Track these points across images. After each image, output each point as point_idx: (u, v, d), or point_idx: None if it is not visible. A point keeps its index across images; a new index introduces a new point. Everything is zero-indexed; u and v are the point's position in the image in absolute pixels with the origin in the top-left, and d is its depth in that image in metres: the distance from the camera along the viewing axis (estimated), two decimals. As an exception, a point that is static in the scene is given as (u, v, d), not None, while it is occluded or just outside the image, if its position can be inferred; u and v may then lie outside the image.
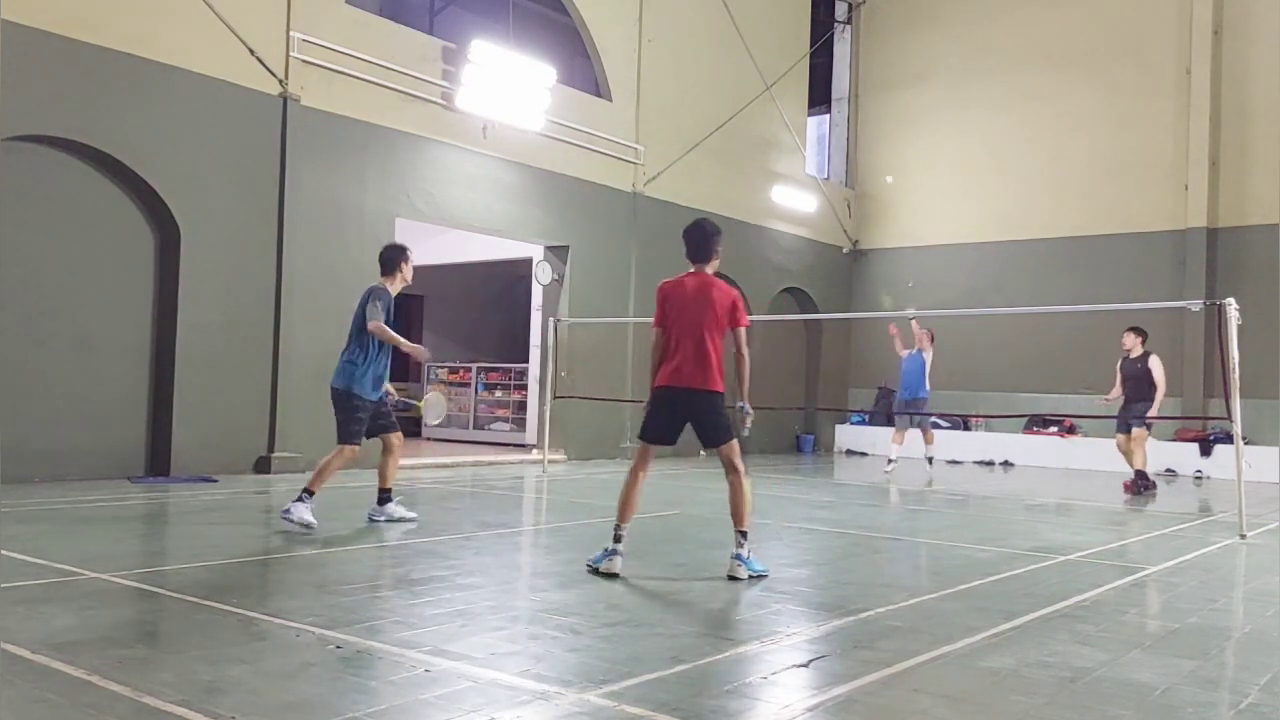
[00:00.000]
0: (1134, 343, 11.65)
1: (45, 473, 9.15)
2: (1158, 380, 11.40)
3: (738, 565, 5.55)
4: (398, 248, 7.58)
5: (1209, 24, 16.23)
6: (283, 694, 3.31)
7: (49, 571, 5.21)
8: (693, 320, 5.60)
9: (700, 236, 5.80)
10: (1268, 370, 14.42)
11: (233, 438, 10.53)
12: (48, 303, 9.36)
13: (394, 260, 7.47)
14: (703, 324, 5.59)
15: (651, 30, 15.55)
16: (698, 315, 5.61)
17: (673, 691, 3.46)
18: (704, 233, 5.81)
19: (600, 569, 5.52)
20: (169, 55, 9.97)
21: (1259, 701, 3.56)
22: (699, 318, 5.60)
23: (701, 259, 5.77)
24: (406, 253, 7.54)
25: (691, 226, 5.88)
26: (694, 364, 5.58)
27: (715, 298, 5.64)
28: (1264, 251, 15.65)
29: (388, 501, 7.61)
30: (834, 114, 20.76)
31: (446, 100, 12.55)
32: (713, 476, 12.65)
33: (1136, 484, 11.60)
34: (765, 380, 17.86)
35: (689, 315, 5.61)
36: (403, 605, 4.72)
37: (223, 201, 10.46)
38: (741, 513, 5.59)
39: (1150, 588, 5.84)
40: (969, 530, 8.51)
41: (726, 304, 5.64)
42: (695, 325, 5.59)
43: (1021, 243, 17.87)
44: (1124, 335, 11.75)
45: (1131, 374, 11.60)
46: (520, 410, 17.09)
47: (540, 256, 14.69)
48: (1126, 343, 11.70)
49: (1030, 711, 3.36)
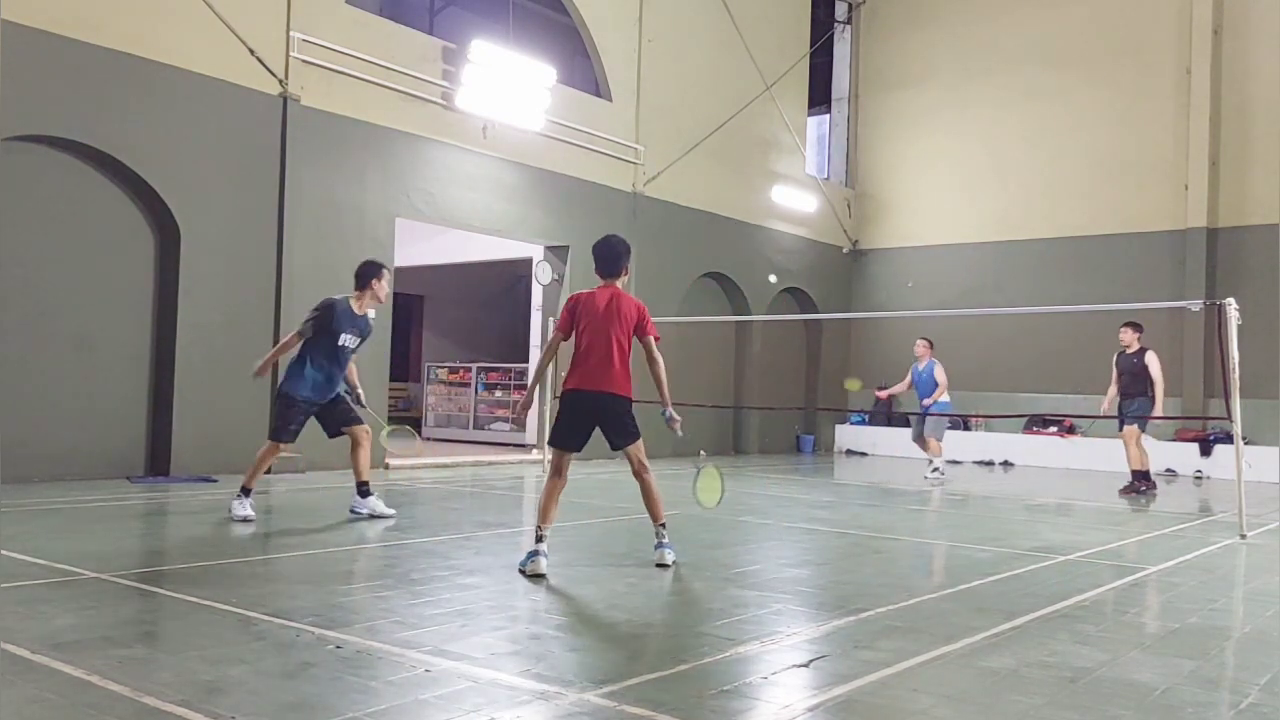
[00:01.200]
0: (1131, 338, 11.55)
1: (45, 473, 9.16)
2: (1155, 376, 11.25)
3: (665, 553, 5.89)
4: (373, 265, 7.60)
5: (1209, 24, 16.23)
6: (283, 694, 3.31)
7: (49, 571, 5.21)
8: (602, 329, 5.82)
9: (609, 253, 6.02)
10: (1268, 370, 14.43)
11: (233, 438, 10.51)
12: (48, 303, 9.36)
13: (365, 276, 7.51)
14: (611, 332, 5.82)
15: (651, 30, 15.55)
16: (607, 324, 5.83)
17: (673, 691, 3.46)
18: (613, 250, 6.02)
19: (526, 570, 5.57)
20: (169, 55, 9.97)
21: (1259, 701, 3.56)
22: (608, 326, 5.83)
23: (611, 274, 6.01)
24: (381, 270, 7.57)
25: (601, 243, 6.07)
26: (602, 369, 5.81)
27: (624, 309, 5.88)
28: (1264, 251, 15.65)
29: (368, 495, 7.65)
30: (834, 114, 20.76)
31: (446, 100, 12.55)
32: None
33: (1133, 486, 11.49)
34: (765, 380, 17.93)
35: (598, 324, 5.83)
36: (403, 605, 4.72)
37: (223, 201, 10.46)
38: (657, 509, 5.96)
39: (1150, 588, 5.83)
40: (969, 530, 8.50)
41: (634, 315, 5.90)
42: (604, 333, 5.82)
43: (1021, 243, 17.87)
44: (1121, 330, 11.65)
45: (1127, 369, 11.49)
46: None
47: (540, 256, 14.69)
48: (1124, 338, 11.59)
49: (1030, 711, 3.36)
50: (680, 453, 16.36)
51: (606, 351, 5.80)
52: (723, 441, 17.52)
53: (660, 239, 15.66)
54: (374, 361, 11.94)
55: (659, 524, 5.96)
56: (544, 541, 5.67)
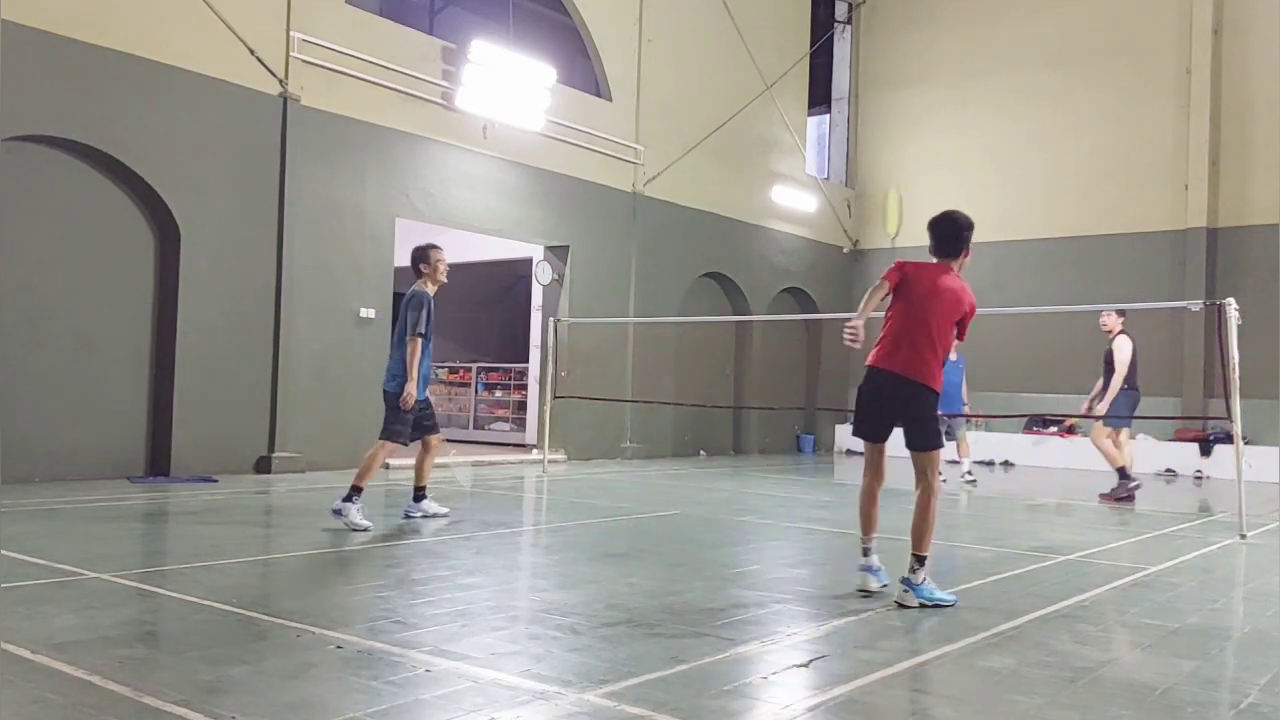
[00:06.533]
0: (1114, 323, 10.52)
1: (45, 473, 9.15)
2: (1117, 362, 10.27)
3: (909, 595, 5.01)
4: (420, 248, 7.61)
5: (1209, 24, 16.23)
6: (284, 694, 3.31)
7: (49, 571, 5.21)
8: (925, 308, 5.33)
9: (951, 229, 5.62)
10: (1268, 370, 14.42)
11: (233, 438, 10.53)
12: (48, 303, 9.36)
13: (415, 261, 7.55)
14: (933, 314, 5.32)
15: (651, 30, 15.55)
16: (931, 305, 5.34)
17: (673, 691, 3.46)
18: (956, 225, 5.63)
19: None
20: (169, 55, 9.97)
21: (1259, 701, 3.56)
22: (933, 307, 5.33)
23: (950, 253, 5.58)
24: (428, 252, 7.55)
25: (940, 217, 5.65)
26: (913, 353, 5.27)
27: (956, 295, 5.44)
28: (1264, 251, 15.65)
29: (423, 499, 7.67)
30: (834, 114, 20.76)
31: (446, 100, 12.55)
32: (713, 476, 12.67)
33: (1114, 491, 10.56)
34: (765, 380, 17.92)
35: (922, 302, 5.37)
36: (403, 605, 4.72)
37: (223, 201, 10.46)
38: (924, 537, 5.18)
39: (1150, 588, 5.83)
40: (969, 530, 8.51)
41: (963, 306, 5.44)
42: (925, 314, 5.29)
43: (1021, 243, 17.86)
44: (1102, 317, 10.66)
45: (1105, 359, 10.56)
46: (520, 410, 17.10)
47: (540, 256, 14.69)
48: (1107, 323, 10.57)
49: (1030, 711, 3.36)
50: (680, 453, 16.38)
51: (923, 335, 5.18)
52: (723, 441, 17.52)
53: (660, 239, 15.66)
54: (374, 362, 11.94)
55: (917, 554, 5.07)
56: (871, 555, 5.21)
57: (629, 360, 15.07)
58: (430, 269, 7.50)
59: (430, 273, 7.51)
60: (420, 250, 7.58)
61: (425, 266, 7.51)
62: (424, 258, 7.52)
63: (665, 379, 15.46)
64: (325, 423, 11.30)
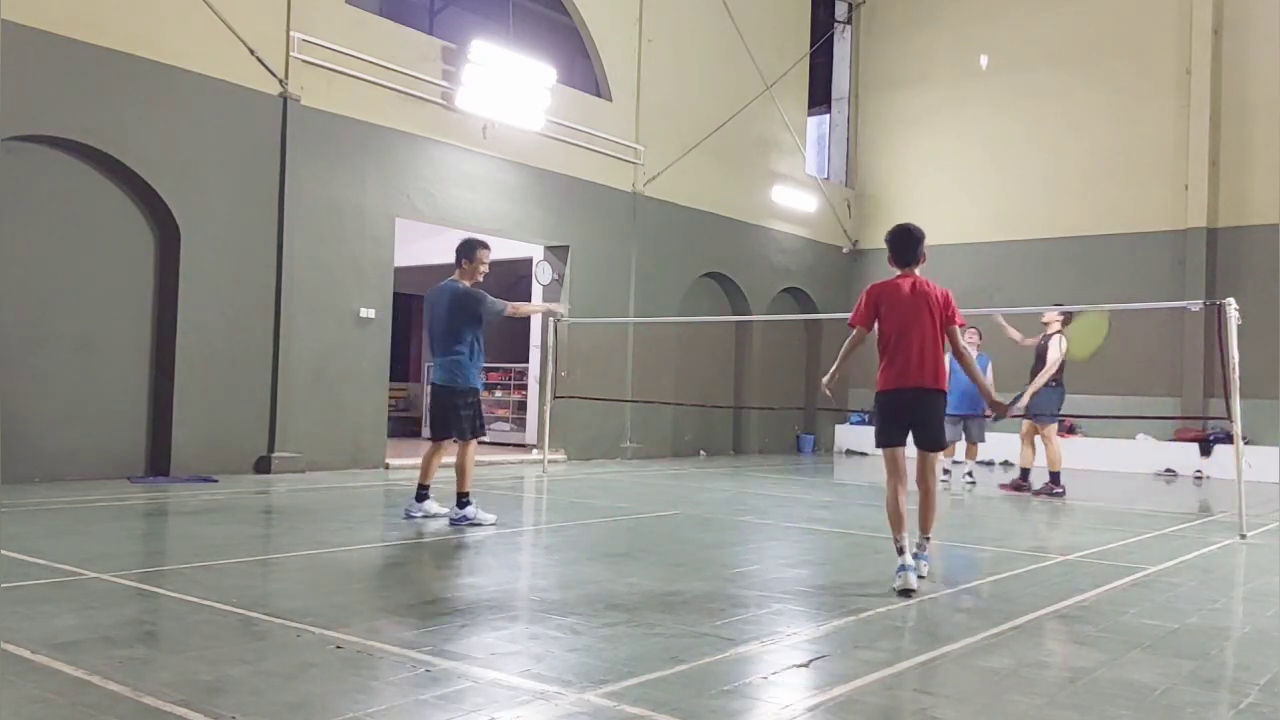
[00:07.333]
0: (1054, 319, 10.66)
1: (45, 473, 9.15)
2: (1049, 359, 10.48)
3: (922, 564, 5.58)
4: (469, 241, 7.61)
5: (1209, 24, 16.23)
6: (284, 694, 3.31)
7: (49, 571, 5.21)
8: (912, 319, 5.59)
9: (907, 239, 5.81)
10: (1268, 370, 14.42)
11: (233, 438, 10.53)
12: (48, 303, 9.36)
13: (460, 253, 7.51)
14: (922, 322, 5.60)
15: (651, 30, 15.55)
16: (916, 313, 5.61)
17: (673, 691, 3.46)
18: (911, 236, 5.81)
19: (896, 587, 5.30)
20: (169, 55, 9.97)
21: (1259, 701, 3.56)
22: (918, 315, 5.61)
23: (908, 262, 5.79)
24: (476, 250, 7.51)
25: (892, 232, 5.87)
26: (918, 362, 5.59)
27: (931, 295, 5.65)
28: (1264, 251, 15.65)
29: (426, 499, 7.66)
30: (834, 114, 20.76)
31: (446, 100, 12.55)
32: (713, 476, 12.66)
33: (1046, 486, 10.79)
34: (765, 380, 17.92)
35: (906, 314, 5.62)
36: (403, 605, 4.72)
37: (223, 201, 10.46)
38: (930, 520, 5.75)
39: (1150, 588, 5.83)
40: (969, 530, 8.51)
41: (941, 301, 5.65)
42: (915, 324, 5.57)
43: (1021, 243, 17.86)
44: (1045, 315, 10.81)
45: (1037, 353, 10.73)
46: (520, 410, 17.09)
47: (540, 256, 14.69)
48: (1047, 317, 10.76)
49: (1030, 711, 3.36)
50: (680, 453, 16.38)
51: (920, 343, 5.50)
52: (723, 441, 17.53)
53: (660, 239, 15.66)
54: (374, 362, 11.96)
55: (925, 535, 5.69)
56: (907, 554, 5.37)
57: (629, 360, 15.07)
58: (471, 266, 7.48)
59: (470, 269, 7.48)
60: (468, 244, 7.56)
61: (467, 262, 7.48)
62: (470, 254, 7.49)
63: (665, 379, 15.45)
64: (325, 423, 11.31)
